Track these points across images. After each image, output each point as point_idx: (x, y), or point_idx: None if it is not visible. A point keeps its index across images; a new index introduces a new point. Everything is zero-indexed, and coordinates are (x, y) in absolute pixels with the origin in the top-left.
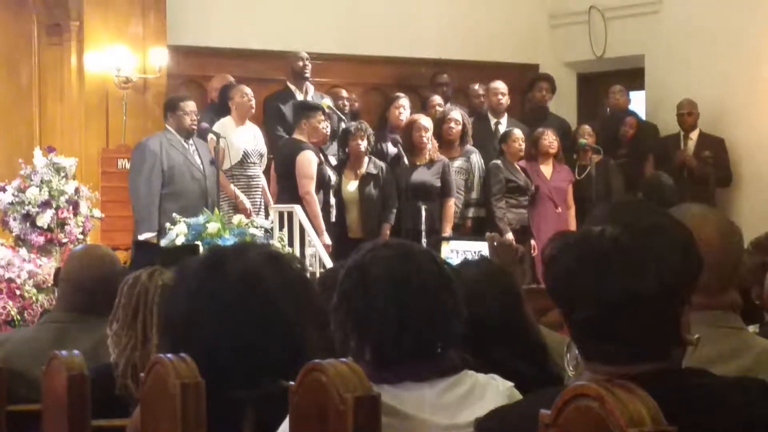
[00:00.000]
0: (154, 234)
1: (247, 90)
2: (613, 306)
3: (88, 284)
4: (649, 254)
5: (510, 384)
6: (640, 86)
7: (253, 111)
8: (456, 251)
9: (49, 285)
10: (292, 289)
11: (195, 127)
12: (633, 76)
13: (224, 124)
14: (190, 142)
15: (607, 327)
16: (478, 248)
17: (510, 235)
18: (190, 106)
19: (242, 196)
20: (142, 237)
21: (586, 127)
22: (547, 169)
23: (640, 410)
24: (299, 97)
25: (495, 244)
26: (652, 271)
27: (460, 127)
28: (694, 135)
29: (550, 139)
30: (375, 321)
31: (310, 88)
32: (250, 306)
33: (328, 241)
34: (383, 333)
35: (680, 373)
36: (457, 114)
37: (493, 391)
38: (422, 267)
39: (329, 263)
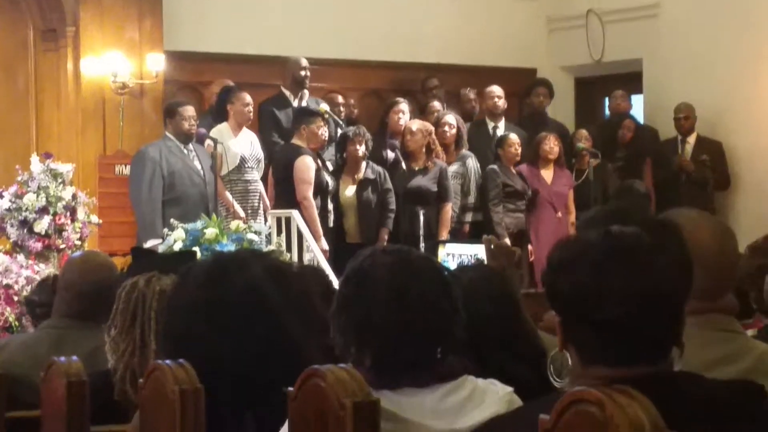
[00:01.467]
0: (159, 241)
1: (248, 99)
2: (640, 304)
3: (85, 291)
4: (672, 253)
5: (510, 389)
6: (638, 90)
7: (251, 121)
8: (452, 254)
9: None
10: (295, 302)
11: (194, 131)
12: (631, 80)
13: (221, 131)
14: (190, 147)
15: (631, 325)
16: (474, 251)
17: (507, 240)
18: (189, 111)
19: (237, 206)
20: (147, 245)
21: (583, 132)
22: (547, 173)
23: (639, 415)
24: (294, 102)
25: (492, 246)
26: (676, 269)
27: (454, 131)
28: (691, 139)
29: (550, 145)
30: (375, 328)
31: (305, 93)
32: (251, 320)
33: (326, 246)
34: (383, 340)
35: (674, 377)
36: (451, 118)
37: (493, 396)
38: (422, 273)
39: (327, 269)
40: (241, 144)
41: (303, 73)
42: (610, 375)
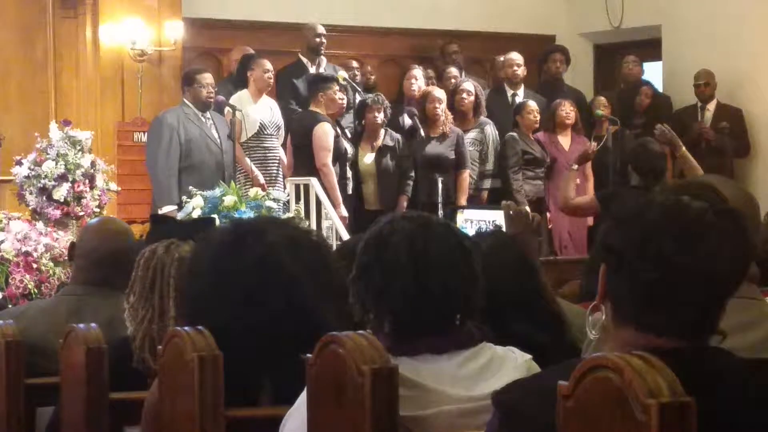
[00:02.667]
0: (174, 207)
1: (269, 65)
2: (695, 277)
3: (102, 257)
4: (734, 242)
5: (528, 356)
6: (657, 57)
7: (271, 87)
8: (470, 221)
9: (66, 259)
10: (312, 270)
11: (212, 99)
12: (650, 46)
13: (240, 97)
14: (207, 115)
15: (671, 295)
16: (492, 217)
17: (527, 207)
18: (207, 78)
19: (257, 171)
20: (162, 210)
21: (602, 98)
22: (565, 140)
23: (658, 381)
24: (312, 70)
25: (510, 212)
26: (733, 258)
27: (472, 98)
28: (711, 106)
29: (567, 110)
30: (393, 293)
31: (323, 60)
32: (268, 288)
33: (345, 213)
34: (402, 305)
35: (702, 351)
36: (469, 85)
37: (512, 363)
38: (441, 239)
39: (346, 235)
40: (261, 110)
41: (318, 39)
42: (640, 342)
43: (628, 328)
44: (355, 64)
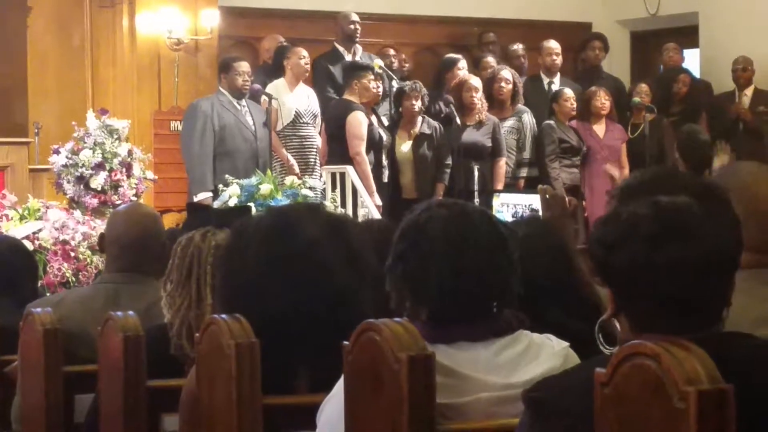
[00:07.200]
0: (209, 194)
1: (305, 53)
2: (696, 274)
3: (132, 242)
4: (721, 216)
5: (565, 344)
6: (694, 44)
7: (308, 74)
8: (507, 205)
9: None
10: (356, 261)
11: (247, 87)
12: (687, 33)
13: (277, 86)
14: (243, 103)
15: (687, 295)
16: (528, 202)
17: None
18: (243, 66)
19: (293, 161)
20: (197, 198)
21: (644, 86)
22: (600, 128)
23: (696, 368)
24: (348, 58)
25: (547, 196)
26: (727, 232)
27: (510, 86)
28: (749, 91)
29: (602, 100)
30: (430, 281)
31: (359, 48)
32: (311, 278)
33: (379, 201)
34: (439, 293)
35: (728, 336)
36: (507, 73)
37: (549, 350)
38: (478, 226)
39: None
40: (297, 99)
41: (352, 26)
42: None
43: (649, 333)
44: (392, 52)
